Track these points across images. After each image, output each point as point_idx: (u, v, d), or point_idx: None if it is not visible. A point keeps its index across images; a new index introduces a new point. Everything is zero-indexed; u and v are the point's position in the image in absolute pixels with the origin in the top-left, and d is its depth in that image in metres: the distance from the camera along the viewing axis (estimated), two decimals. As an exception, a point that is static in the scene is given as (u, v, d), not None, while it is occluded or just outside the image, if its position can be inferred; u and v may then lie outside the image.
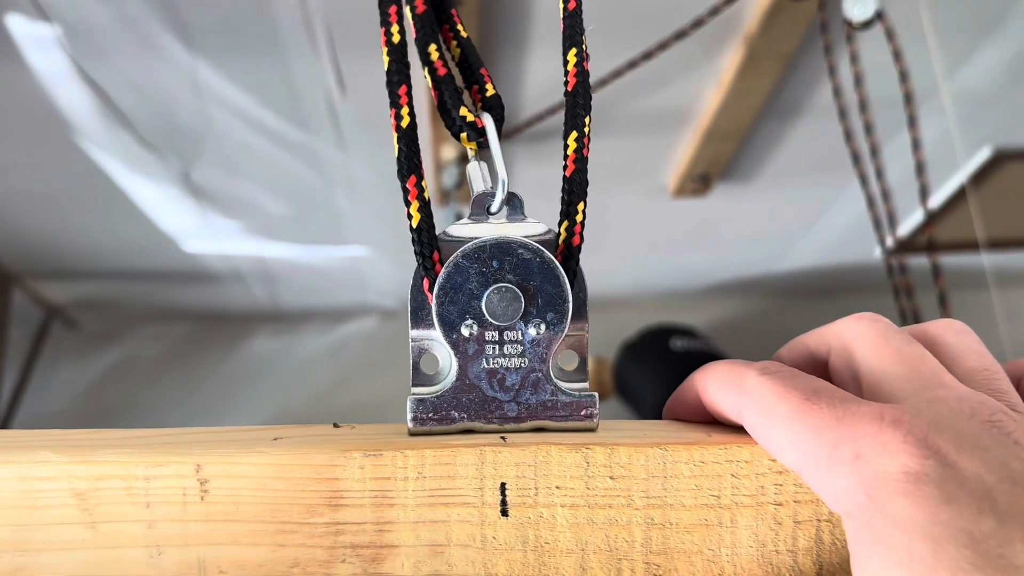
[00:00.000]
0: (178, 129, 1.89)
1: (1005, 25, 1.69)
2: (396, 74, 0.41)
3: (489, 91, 0.43)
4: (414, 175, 0.41)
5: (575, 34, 0.43)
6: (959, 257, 2.01)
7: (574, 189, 0.42)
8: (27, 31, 1.58)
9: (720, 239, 2.58)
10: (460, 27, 0.45)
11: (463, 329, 0.36)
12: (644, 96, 1.84)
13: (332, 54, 1.66)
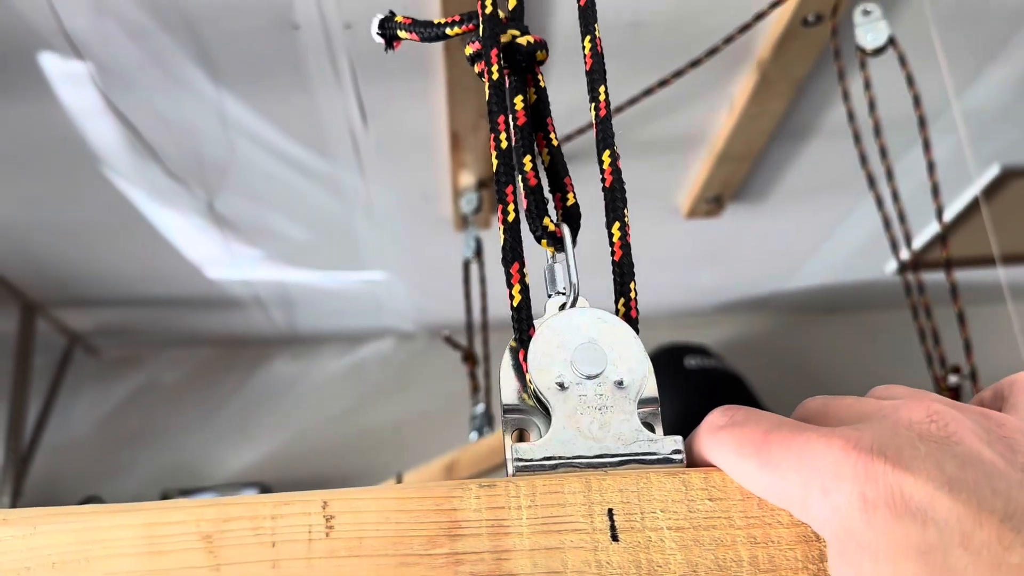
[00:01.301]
0: (203, 160, 1.94)
1: (1011, 46, 1.73)
2: (504, 175, 0.46)
3: (570, 200, 0.49)
4: (517, 262, 0.45)
5: (607, 137, 0.48)
6: (969, 272, 2.04)
7: (624, 271, 0.47)
8: (60, 68, 1.62)
9: (733, 258, 2.61)
10: (553, 136, 0.50)
11: (556, 383, 0.39)
12: (658, 120, 1.88)
13: (355, 86, 1.71)
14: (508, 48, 0.52)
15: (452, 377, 2.25)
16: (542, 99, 0.53)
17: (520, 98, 0.51)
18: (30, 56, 1.58)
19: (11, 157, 1.92)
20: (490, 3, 0.52)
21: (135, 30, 1.53)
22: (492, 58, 0.50)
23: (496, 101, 0.49)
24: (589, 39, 0.54)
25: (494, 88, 0.49)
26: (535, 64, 0.54)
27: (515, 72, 0.52)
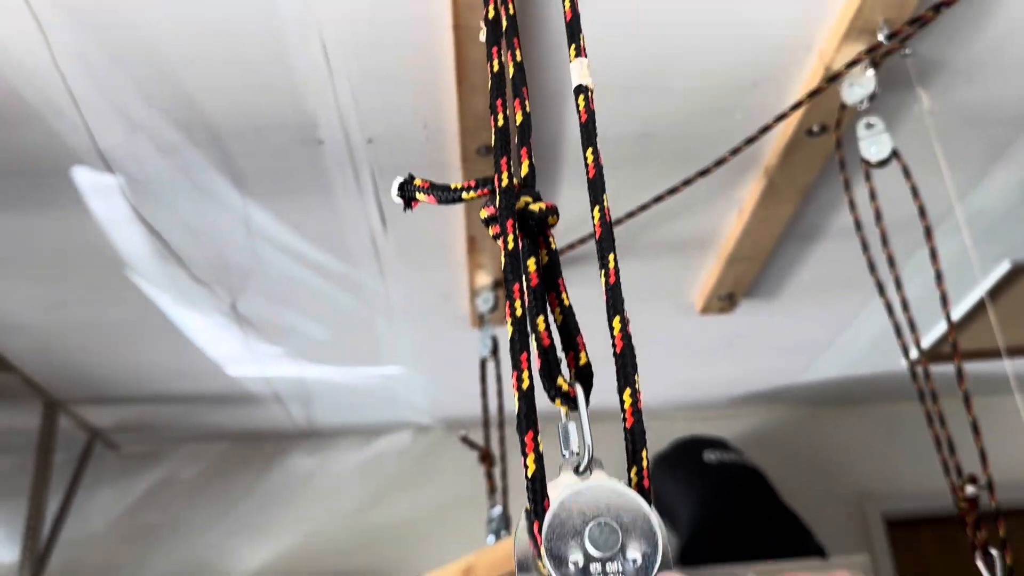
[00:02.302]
0: (228, 265, 1.99)
1: (1014, 150, 1.77)
2: (519, 343, 0.48)
3: (582, 360, 0.51)
4: (532, 431, 0.47)
5: (617, 304, 0.50)
6: (981, 364, 2.05)
7: (636, 439, 0.48)
8: (92, 181, 1.69)
9: (748, 352, 2.63)
10: (564, 295, 0.52)
11: (570, 563, 0.41)
12: (670, 222, 1.92)
13: (376, 195, 1.77)
14: (521, 214, 0.55)
15: (469, 471, 2.25)
16: (553, 260, 0.56)
17: (533, 260, 0.54)
18: (64, 170, 1.65)
19: (39, 263, 1.98)
20: (506, 176, 0.55)
21: (166, 147, 1.60)
22: (508, 228, 0.53)
23: (511, 269, 0.52)
24: (591, 152, 0.56)
25: (509, 257, 0.52)
26: (547, 227, 0.57)
27: (528, 235, 0.55)
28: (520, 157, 0.57)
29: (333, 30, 1.38)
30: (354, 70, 1.46)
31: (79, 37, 1.35)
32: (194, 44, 1.39)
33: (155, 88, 1.47)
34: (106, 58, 1.40)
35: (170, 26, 1.36)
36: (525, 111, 0.55)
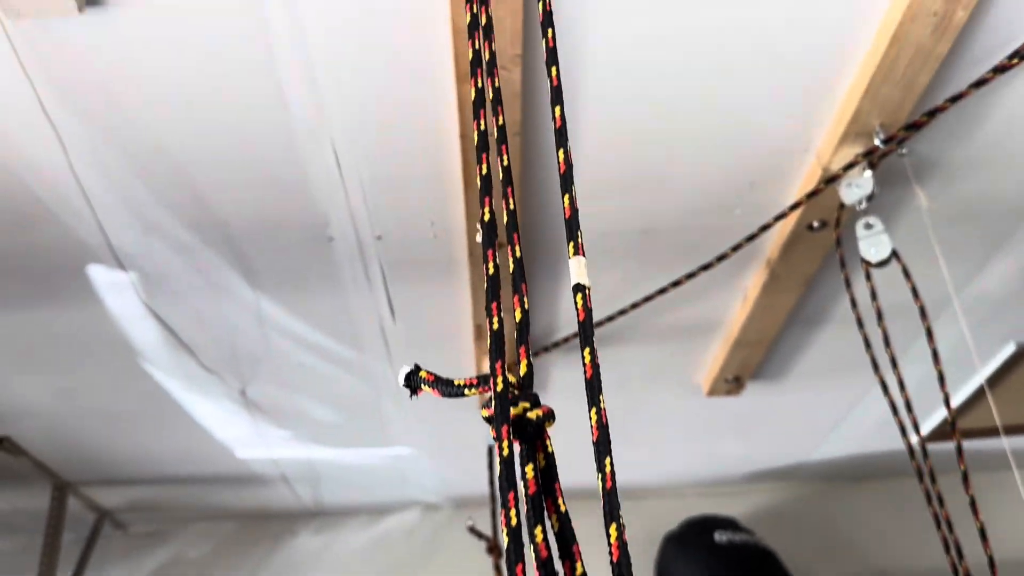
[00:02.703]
0: (238, 353, 2.01)
1: (1015, 240, 1.79)
2: (515, 553, 0.47)
3: (578, 570, 0.50)
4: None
5: (614, 509, 0.49)
6: (983, 442, 2.04)
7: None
8: (105, 277, 1.73)
9: (756, 431, 2.62)
10: (561, 501, 0.53)
11: None
12: (675, 309, 1.94)
13: (386, 288, 1.80)
14: (519, 420, 0.54)
15: (478, 554, 2.24)
16: (551, 463, 0.54)
17: (531, 467, 0.53)
18: (79, 268, 1.68)
19: (52, 353, 2.01)
20: (500, 381, 0.55)
21: (179, 246, 1.63)
22: (503, 434, 0.52)
23: (507, 476, 0.51)
24: (589, 351, 0.56)
25: (505, 464, 0.51)
26: (544, 433, 0.56)
27: (525, 440, 0.54)
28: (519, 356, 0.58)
29: (344, 136, 1.42)
30: (364, 173, 1.50)
31: (95, 142, 1.40)
32: (208, 148, 1.43)
33: (169, 190, 1.51)
34: (121, 161, 1.44)
35: (185, 130, 1.40)
36: (524, 308, 0.57)
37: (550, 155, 1.47)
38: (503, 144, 0.69)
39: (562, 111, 0.68)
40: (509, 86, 1.28)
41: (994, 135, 1.49)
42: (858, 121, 1.36)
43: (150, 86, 1.29)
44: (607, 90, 1.36)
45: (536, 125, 1.39)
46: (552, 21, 0.71)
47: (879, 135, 1.37)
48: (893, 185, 1.53)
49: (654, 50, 1.29)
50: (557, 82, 0.69)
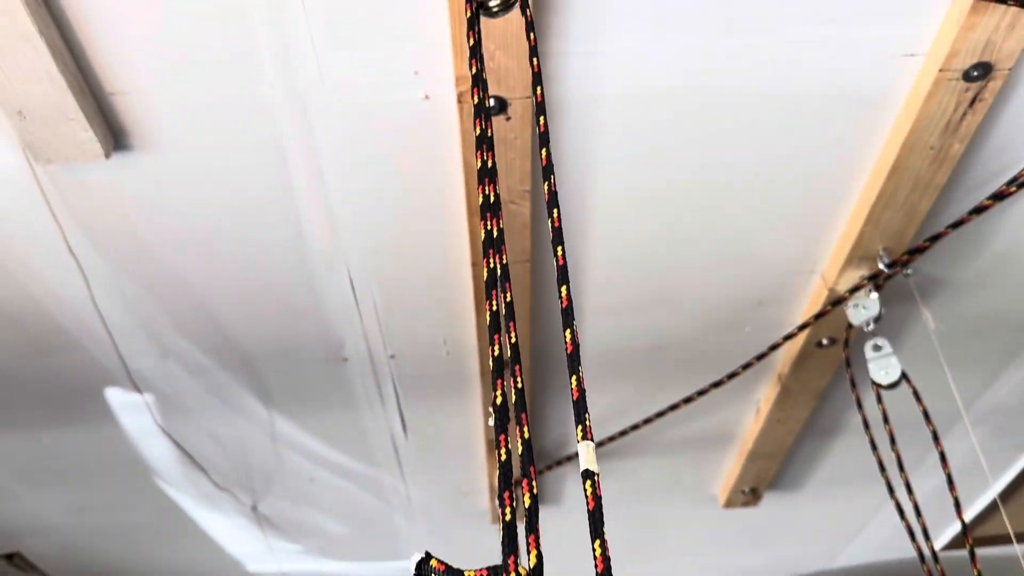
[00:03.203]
0: (251, 470, 2.01)
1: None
2: None
3: None
4: None
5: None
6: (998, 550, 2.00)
7: None
8: (121, 399, 1.74)
9: (774, 543, 2.58)
10: None
11: None
12: (689, 422, 1.94)
13: (398, 405, 1.81)
14: None
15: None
16: None
17: None
18: (96, 391, 1.70)
19: (66, 472, 2.01)
20: None
21: (196, 369, 1.65)
22: None
23: None
24: (599, 543, 0.57)
25: None
26: None
27: None
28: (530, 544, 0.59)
29: (360, 263, 1.45)
30: (379, 297, 1.53)
31: (116, 274, 1.43)
32: (227, 277, 1.47)
33: (187, 317, 1.54)
34: (141, 292, 1.47)
35: (204, 261, 1.44)
36: (533, 493, 0.58)
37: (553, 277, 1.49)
38: (506, 281, 0.70)
39: (563, 250, 0.70)
40: (519, 218, 1.32)
41: (998, 255, 1.51)
42: (861, 245, 1.38)
43: (171, 221, 1.33)
44: (613, 216, 1.39)
45: (546, 254, 1.42)
46: (553, 169, 0.73)
47: (883, 259, 1.39)
48: (900, 303, 1.55)
49: (660, 178, 1.33)
50: (558, 223, 0.71)
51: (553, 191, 0.68)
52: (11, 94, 1.06)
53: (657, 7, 1.07)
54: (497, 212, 0.76)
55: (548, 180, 0.70)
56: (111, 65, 1.09)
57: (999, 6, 1.03)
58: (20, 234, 1.32)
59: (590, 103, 1.19)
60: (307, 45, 1.08)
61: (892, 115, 1.21)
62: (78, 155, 1.15)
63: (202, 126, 1.18)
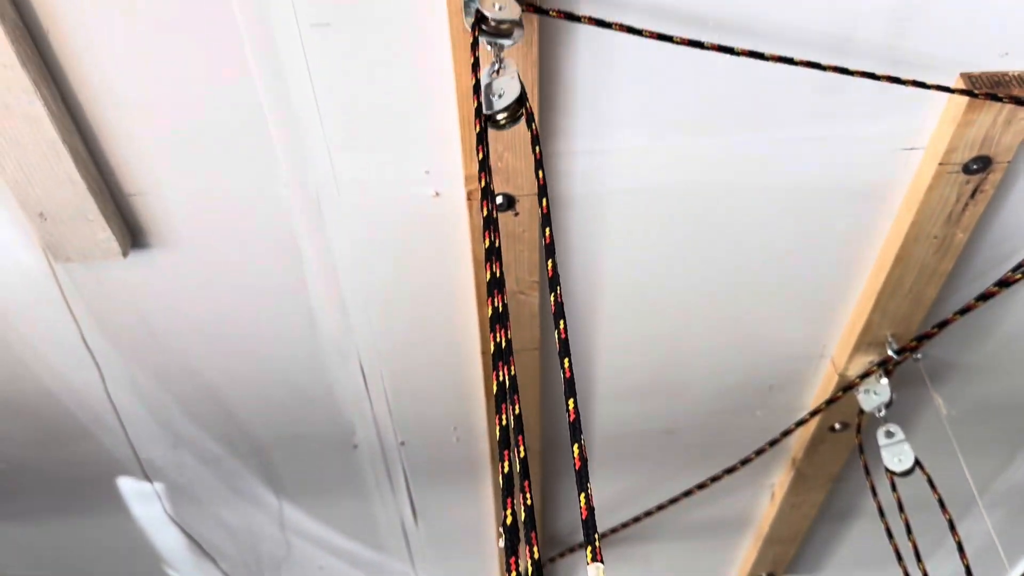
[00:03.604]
0: (260, 557, 1.99)
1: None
2: None
3: None
4: None
5: None
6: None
7: None
8: (132, 489, 1.74)
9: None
10: None
11: None
12: (701, 507, 1.92)
13: (408, 492, 1.80)
14: None
15: None
16: None
17: None
18: (107, 480, 1.70)
19: (75, 560, 2.00)
20: None
21: (207, 457, 1.65)
22: None
23: None
24: None
25: None
26: None
27: None
28: None
29: (370, 352, 1.46)
30: (389, 384, 1.53)
31: (130, 367, 1.44)
32: (239, 367, 1.48)
33: (200, 407, 1.55)
34: (154, 383, 1.49)
35: (217, 353, 1.45)
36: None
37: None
38: (515, 394, 0.71)
39: (570, 362, 0.71)
40: (527, 308, 1.33)
41: (1007, 338, 1.51)
42: (870, 331, 1.39)
43: (186, 314, 1.35)
44: (621, 303, 1.41)
45: (554, 342, 1.42)
46: (559, 280, 0.74)
47: (891, 345, 1.40)
48: (911, 387, 1.54)
49: (666, 268, 1.35)
50: (564, 335, 0.72)
51: (559, 302, 0.70)
52: (34, 197, 1.09)
53: (656, 110, 1.10)
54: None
55: (554, 291, 0.71)
56: (130, 167, 1.12)
57: (995, 103, 1.06)
58: (37, 329, 1.34)
59: (596, 198, 1.22)
60: (321, 146, 1.11)
61: (894, 206, 1.23)
62: (96, 254, 1.18)
63: (218, 223, 1.21)
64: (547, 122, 1.10)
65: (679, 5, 0.97)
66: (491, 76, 0.84)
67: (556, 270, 0.73)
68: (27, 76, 0.96)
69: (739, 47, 0.94)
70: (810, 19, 1.00)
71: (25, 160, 1.05)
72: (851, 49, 1.03)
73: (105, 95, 1.03)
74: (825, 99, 1.09)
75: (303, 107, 1.06)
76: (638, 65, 1.04)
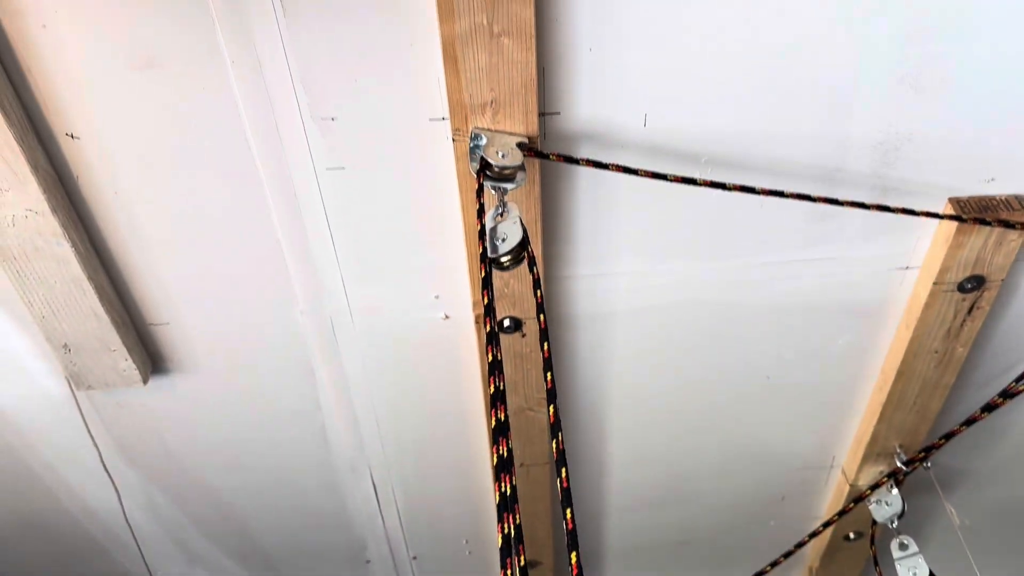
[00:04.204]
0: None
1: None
2: None
3: None
4: None
5: None
6: None
7: None
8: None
9: None
10: None
11: None
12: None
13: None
14: None
15: None
16: None
17: None
18: (123, 597, 1.71)
19: None
20: None
21: (221, 574, 1.66)
22: None
23: None
24: None
25: None
26: None
27: None
28: None
29: (382, 468, 1.48)
30: (401, 500, 1.54)
31: (147, 488, 1.47)
32: (254, 486, 1.50)
33: (215, 525, 1.56)
34: (170, 503, 1.50)
35: (233, 472, 1.47)
36: None
37: (576, 478, 1.52)
38: (515, 503, 0.73)
39: (572, 512, 0.73)
40: (537, 424, 1.35)
41: (1017, 445, 1.52)
42: (877, 443, 1.40)
43: (202, 436, 1.38)
44: (630, 419, 1.43)
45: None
46: (560, 426, 0.77)
47: (900, 456, 1.40)
48: (922, 495, 1.54)
49: (672, 383, 1.37)
50: (567, 483, 0.74)
51: (561, 449, 0.72)
52: (59, 331, 1.14)
53: (655, 238, 1.14)
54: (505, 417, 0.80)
55: (552, 404, 0.74)
56: (153, 299, 1.17)
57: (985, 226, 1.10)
58: (58, 453, 1.37)
59: (601, 318, 1.25)
60: (335, 277, 1.16)
61: (893, 323, 1.26)
62: (118, 382, 1.21)
63: (235, 350, 1.25)
64: (551, 250, 1.15)
65: (673, 144, 1.02)
66: (495, 220, 0.89)
67: (554, 384, 0.76)
68: (56, 221, 1.01)
69: (731, 182, 0.99)
70: (799, 152, 1.05)
71: (52, 297, 1.09)
72: (841, 178, 1.08)
73: (130, 234, 1.09)
74: (818, 225, 1.13)
75: (319, 242, 1.11)
76: (636, 198, 1.09)
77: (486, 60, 0.89)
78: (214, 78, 0.94)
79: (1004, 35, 0.95)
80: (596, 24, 0.91)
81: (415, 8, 0.89)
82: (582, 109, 0.98)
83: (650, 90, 0.97)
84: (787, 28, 0.93)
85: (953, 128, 1.03)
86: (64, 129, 0.98)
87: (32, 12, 0.88)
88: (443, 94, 0.96)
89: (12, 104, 0.93)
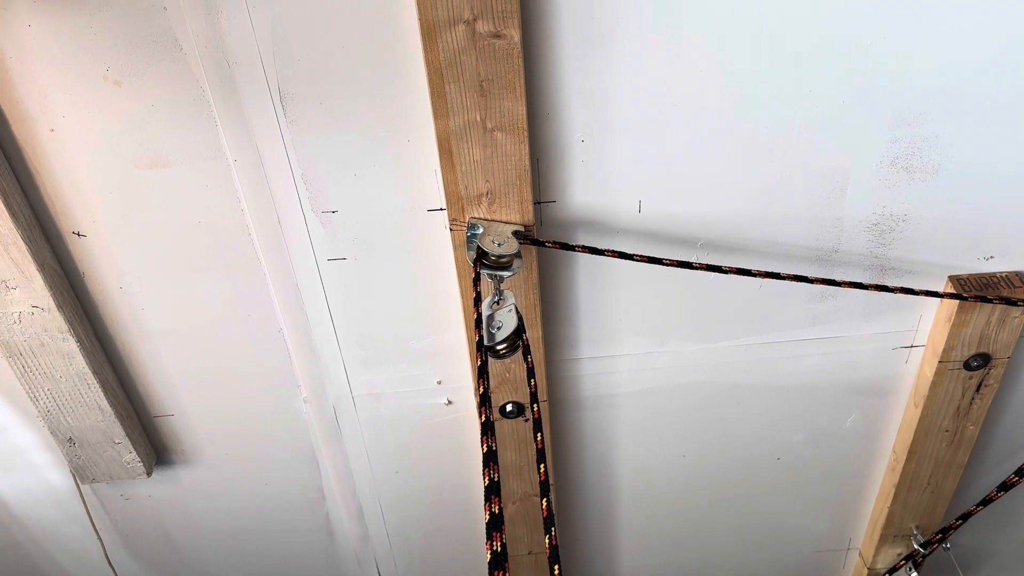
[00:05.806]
0: None
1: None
2: None
3: None
4: None
5: None
6: None
7: None
8: None
9: None
10: None
11: None
12: None
13: None
14: None
15: None
16: None
17: None
18: None
19: None
20: None
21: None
22: None
23: None
24: None
25: None
26: None
27: None
28: None
29: (388, 559, 1.46)
30: (409, 589, 1.52)
31: None
32: (256, 574, 1.48)
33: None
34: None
35: (234, 561, 1.45)
36: None
37: (586, 564, 1.49)
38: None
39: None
40: (539, 512, 1.33)
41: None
42: (893, 524, 1.37)
43: (206, 526, 1.37)
44: (639, 501, 1.41)
45: (568, 546, 1.42)
46: (554, 520, 0.76)
47: (917, 537, 1.37)
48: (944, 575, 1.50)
49: (680, 465, 1.35)
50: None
51: (554, 544, 0.71)
52: (64, 425, 1.14)
53: (655, 320, 1.15)
54: (500, 510, 0.79)
55: (549, 533, 0.73)
56: (157, 392, 1.17)
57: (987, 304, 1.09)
58: (62, 546, 1.37)
59: (605, 400, 1.25)
60: (337, 364, 1.16)
61: (901, 401, 1.25)
62: (122, 474, 1.21)
63: (239, 440, 1.25)
64: (552, 333, 1.15)
65: (669, 229, 1.03)
66: (492, 307, 0.90)
67: (547, 476, 0.76)
68: (62, 317, 1.03)
69: (727, 265, 0.99)
70: (795, 234, 1.05)
71: (58, 391, 1.10)
72: (838, 259, 1.08)
73: (135, 328, 1.10)
74: (819, 305, 1.13)
75: (321, 331, 1.12)
76: (635, 281, 1.10)
77: (480, 154, 0.91)
78: (217, 175, 0.96)
79: (992, 114, 0.96)
80: (588, 116, 0.93)
81: (411, 106, 0.92)
82: (577, 197, 1.00)
83: (643, 177, 0.99)
84: (778, 112, 0.95)
85: (948, 208, 1.04)
86: (71, 227, 1.00)
87: (41, 118, 0.91)
88: (440, 186, 0.98)
89: (20, 205, 0.95)
